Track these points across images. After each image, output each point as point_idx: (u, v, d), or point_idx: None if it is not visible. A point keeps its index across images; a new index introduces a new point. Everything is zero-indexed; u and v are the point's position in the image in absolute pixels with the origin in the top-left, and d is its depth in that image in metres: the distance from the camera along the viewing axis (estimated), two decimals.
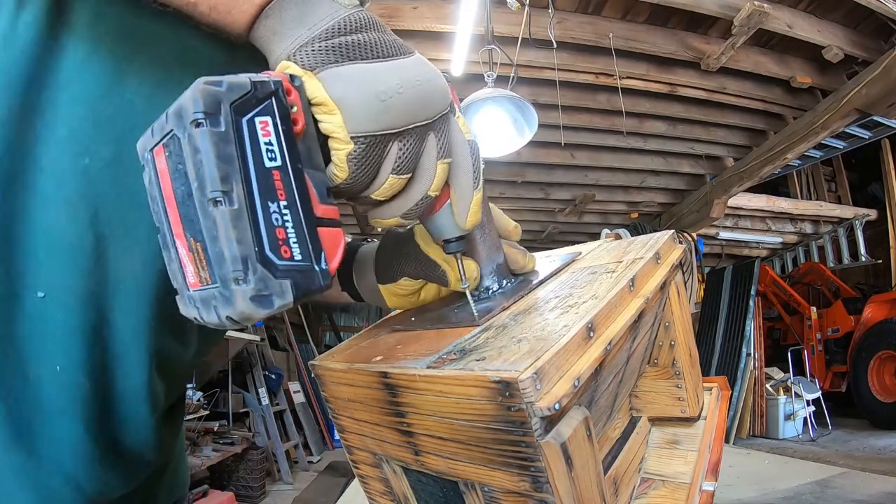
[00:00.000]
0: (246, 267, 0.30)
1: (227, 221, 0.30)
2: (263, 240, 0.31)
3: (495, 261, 0.56)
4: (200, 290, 0.33)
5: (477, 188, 0.43)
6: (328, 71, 0.35)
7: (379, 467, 0.53)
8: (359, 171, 0.37)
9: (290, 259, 0.32)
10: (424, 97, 0.38)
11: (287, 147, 0.33)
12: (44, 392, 0.43)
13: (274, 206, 0.32)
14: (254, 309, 0.31)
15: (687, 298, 0.63)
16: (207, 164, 0.30)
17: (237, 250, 0.30)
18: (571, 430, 0.35)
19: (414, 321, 0.57)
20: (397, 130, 0.37)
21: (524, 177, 5.13)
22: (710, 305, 6.12)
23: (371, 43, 0.37)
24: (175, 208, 0.32)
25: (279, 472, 4.69)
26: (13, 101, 0.40)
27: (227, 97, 0.31)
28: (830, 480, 2.73)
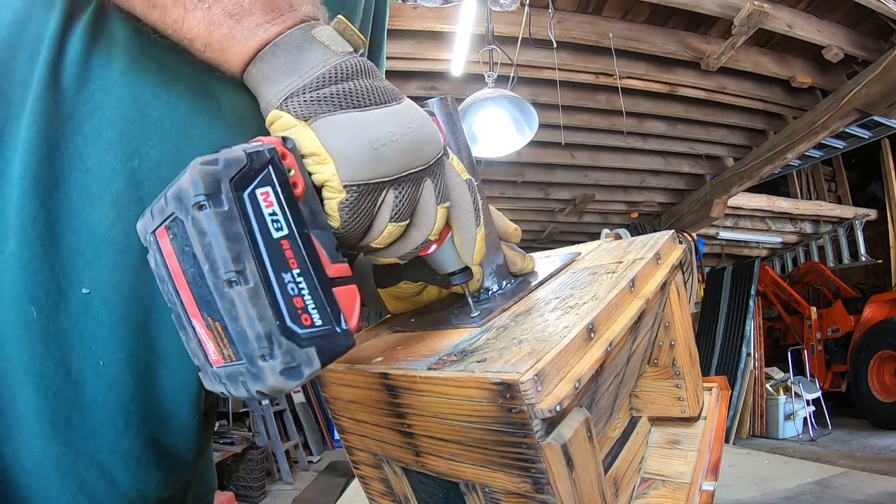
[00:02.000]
0: (271, 343, 0.30)
1: (245, 301, 0.30)
2: (283, 312, 0.31)
3: (495, 262, 0.56)
4: (225, 367, 0.32)
5: (479, 225, 0.43)
6: (321, 120, 0.35)
7: (379, 468, 0.53)
8: (351, 220, 0.36)
9: (311, 326, 0.32)
10: (418, 143, 0.38)
11: (291, 213, 0.33)
12: (85, 387, 0.43)
13: (288, 276, 0.32)
14: (284, 382, 0.30)
15: (687, 298, 0.63)
16: (217, 246, 0.29)
17: (260, 328, 0.30)
18: (572, 431, 0.35)
19: (414, 322, 0.57)
20: (392, 178, 0.37)
21: (524, 176, 5.13)
22: (710, 305, 6.12)
23: (363, 90, 0.36)
24: (187, 289, 0.32)
25: (279, 471, 4.69)
26: (61, 104, 0.42)
27: (225, 174, 0.30)
28: (830, 480, 2.73)
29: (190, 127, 0.45)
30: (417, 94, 3.71)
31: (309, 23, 0.37)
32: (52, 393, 0.42)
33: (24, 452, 0.43)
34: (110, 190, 0.41)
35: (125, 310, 0.44)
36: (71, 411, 0.43)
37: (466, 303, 0.53)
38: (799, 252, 7.44)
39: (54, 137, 0.42)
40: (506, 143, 2.80)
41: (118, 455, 0.46)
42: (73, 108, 0.42)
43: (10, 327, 0.42)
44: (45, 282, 0.42)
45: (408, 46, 3.29)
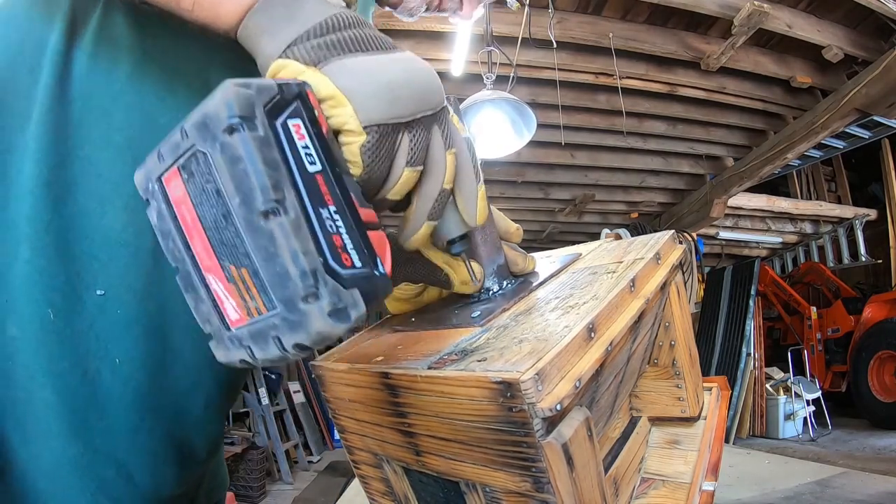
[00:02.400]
0: (316, 280, 0.27)
1: (287, 232, 0.27)
2: (324, 250, 0.28)
3: (496, 262, 0.56)
4: (251, 325, 0.29)
5: (479, 182, 0.43)
6: (333, 64, 0.34)
7: (380, 468, 0.53)
8: (374, 164, 0.35)
9: (352, 267, 0.30)
10: (427, 88, 0.37)
11: (322, 150, 0.31)
12: (102, 386, 0.44)
13: (326, 213, 0.29)
14: (333, 325, 0.27)
15: (687, 298, 0.64)
16: (254, 173, 0.26)
17: (305, 263, 0.27)
18: (573, 430, 0.35)
19: (414, 322, 0.58)
20: (407, 120, 0.36)
21: (524, 177, 5.13)
22: (710, 305, 6.12)
23: (367, 37, 0.36)
24: (203, 237, 0.29)
25: (279, 471, 4.69)
26: (70, 115, 0.43)
27: (258, 99, 0.28)
28: (830, 480, 2.73)
29: None
30: None
31: None
32: (70, 393, 0.43)
33: (43, 454, 0.43)
34: (121, 194, 0.42)
35: (139, 309, 0.44)
36: (88, 410, 0.44)
37: (467, 303, 0.53)
38: (799, 252, 7.44)
39: (65, 147, 0.43)
40: (504, 144, 2.80)
41: (135, 452, 0.46)
42: (82, 117, 0.43)
43: (26, 331, 0.42)
44: (60, 286, 0.43)
45: (407, 46, 3.27)
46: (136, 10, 0.44)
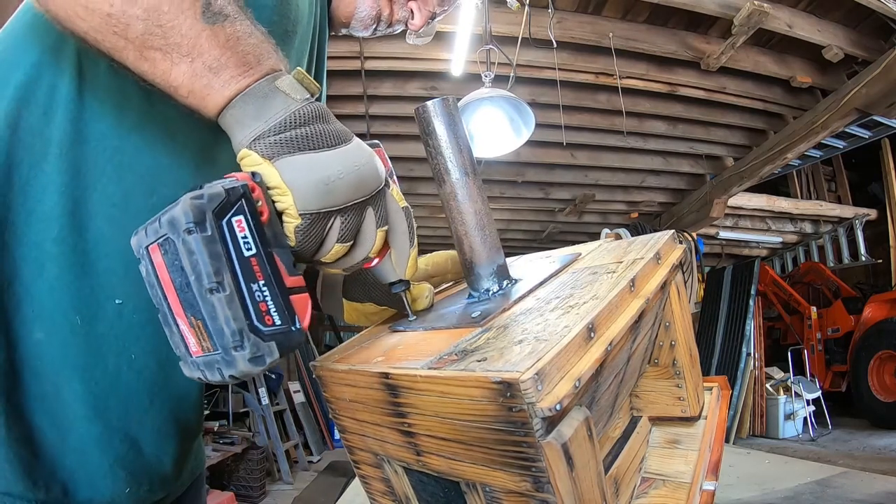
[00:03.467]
0: (242, 337, 0.39)
1: (223, 304, 0.38)
2: (251, 314, 0.39)
3: (496, 262, 0.56)
4: (203, 357, 0.40)
5: (412, 246, 0.51)
6: (282, 160, 0.42)
7: (380, 467, 0.53)
8: (305, 241, 0.44)
9: (272, 325, 0.40)
10: (362, 178, 0.45)
11: (259, 236, 0.41)
12: (120, 376, 0.53)
13: (255, 286, 0.40)
14: (251, 367, 0.39)
15: (687, 298, 0.64)
16: (202, 263, 0.38)
17: (234, 325, 0.38)
18: (572, 430, 0.35)
19: (414, 322, 0.58)
20: (339, 207, 0.44)
21: (524, 176, 5.13)
22: (710, 305, 6.11)
23: (317, 134, 0.43)
24: (174, 293, 0.40)
25: (279, 471, 4.69)
26: (87, 153, 0.51)
27: (209, 207, 0.38)
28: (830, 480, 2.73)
29: (195, 170, 0.56)
30: (418, 93, 3.71)
31: (273, 74, 0.44)
32: (95, 383, 0.52)
33: (70, 435, 0.51)
34: (135, 221, 0.46)
35: (150, 312, 0.49)
36: (109, 397, 0.53)
37: (467, 303, 0.53)
38: (799, 252, 7.44)
39: (85, 181, 0.51)
40: (503, 142, 2.79)
41: (145, 429, 0.56)
42: (97, 154, 0.51)
43: (55, 336, 0.50)
44: (86, 297, 0.51)
45: (408, 46, 3.28)
46: None
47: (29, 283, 0.49)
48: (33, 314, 0.49)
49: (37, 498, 0.49)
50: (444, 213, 0.58)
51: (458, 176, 0.55)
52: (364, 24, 0.76)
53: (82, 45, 0.46)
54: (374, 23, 0.76)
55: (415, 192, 5.39)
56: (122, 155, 0.52)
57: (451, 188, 0.56)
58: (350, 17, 0.75)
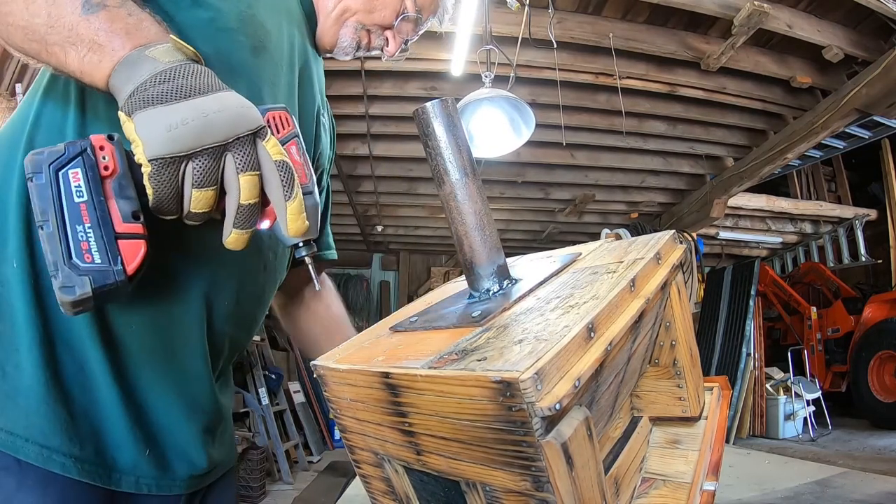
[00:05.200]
0: (56, 269, 0.45)
1: (45, 239, 0.45)
2: (71, 250, 0.45)
3: (496, 262, 0.56)
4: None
5: (290, 199, 0.51)
6: (137, 115, 0.47)
7: (381, 467, 0.53)
8: (159, 187, 0.47)
9: (91, 262, 0.46)
10: (210, 124, 0.47)
11: (92, 186, 0.47)
12: (127, 344, 0.61)
13: (80, 228, 0.46)
14: (62, 295, 0.45)
15: (687, 298, 0.64)
16: (35, 203, 0.46)
17: (51, 257, 0.45)
18: (572, 430, 0.35)
19: (415, 322, 0.58)
20: (186, 153, 0.46)
21: (524, 177, 5.13)
22: (710, 305, 6.11)
23: (172, 88, 0.47)
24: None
25: (279, 472, 4.69)
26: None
27: (46, 160, 0.46)
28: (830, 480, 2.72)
29: None
30: (418, 94, 3.71)
31: (146, 45, 0.49)
32: (110, 350, 0.60)
33: (95, 398, 0.59)
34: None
35: (148, 287, 0.59)
36: (122, 363, 0.62)
37: (467, 303, 0.53)
38: (799, 252, 7.44)
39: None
40: (503, 143, 2.79)
41: (156, 395, 0.64)
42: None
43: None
44: None
45: None
46: None
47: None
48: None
49: (72, 453, 0.56)
50: (444, 213, 0.58)
51: (457, 176, 0.55)
52: (345, 51, 0.87)
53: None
54: (354, 50, 0.87)
55: (414, 192, 5.39)
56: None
57: (451, 188, 0.56)
58: (333, 45, 0.86)
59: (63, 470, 0.56)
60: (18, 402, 0.55)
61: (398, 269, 8.11)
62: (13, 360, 0.56)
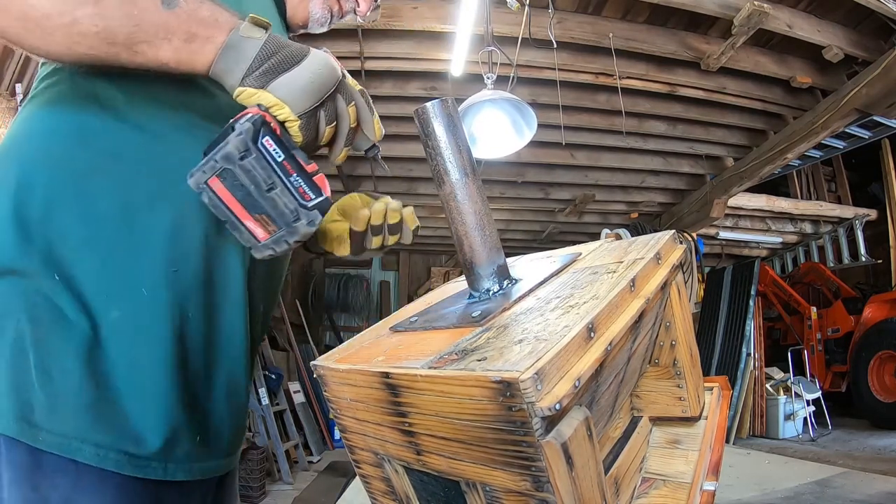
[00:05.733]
0: (297, 213, 0.56)
1: (280, 196, 0.56)
2: (296, 196, 0.57)
3: (496, 262, 0.56)
4: (270, 238, 0.57)
5: (373, 114, 0.65)
6: (270, 85, 0.56)
7: (381, 467, 0.53)
8: (307, 134, 0.59)
9: (311, 199, 0.57)
10: (326, 77, 0.58)
11: (280, 146, 0.56)
12: (183, 336, 0.63)
13: (293, 178, 0.57)
14: (309, 229, 0.57)
15: (687, 298, 0.64)
16: (258, 175, 0.55)
17: (291, 206, 0.56)
18: (572, 429, 0.35)
19: (415, 322, 0.58)
20: (320, 101, 0.58)
21: (524, 177, 5.13)
22: (710, 305, 6.11)
23: (284, 58, 0.57)
24: (238, 204, 0.56)
25: (279, 472, 4.68)
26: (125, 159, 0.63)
27: (247, 138, 0.54)
28: (830, 480, 2.73)
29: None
30: (417, 94, 3.71)
31: (236, 27, 0.56)
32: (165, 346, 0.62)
33: (150, 397, 0.60)
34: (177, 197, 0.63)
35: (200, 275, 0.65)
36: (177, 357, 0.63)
37: (467, 303, 0.53)
38: (799, 252, 7.44)
39: (127, 180, 0.63)
40: (505, 144, 2.79)
41: (207, 384, 0.67)
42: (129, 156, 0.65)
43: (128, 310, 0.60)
44: (147, 272, 0.62)
45: (408, 46, 3.29)
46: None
47: (97, 273, 0.60)
48: (105, 297, 0.59)
49: (126, 450, 0.58)
50: (444, 213, 0.58)
51: (457, 176, 0.56)
52: (319, 22, 0.90)
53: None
54: (328, 20, 0.90)
55: (414, 192, 5.39)
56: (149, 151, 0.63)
57: (451, 189, 0.56)
58: (306, 20, 0.90)
59: (117, 467, 0.57)
60: (69, 404, 0.56)
61: (398, 269, 8.11)
62: (59, 365, 0.56)
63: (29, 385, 0.55)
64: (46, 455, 0.54)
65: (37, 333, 0.56)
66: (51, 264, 0.58)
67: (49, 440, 0.54)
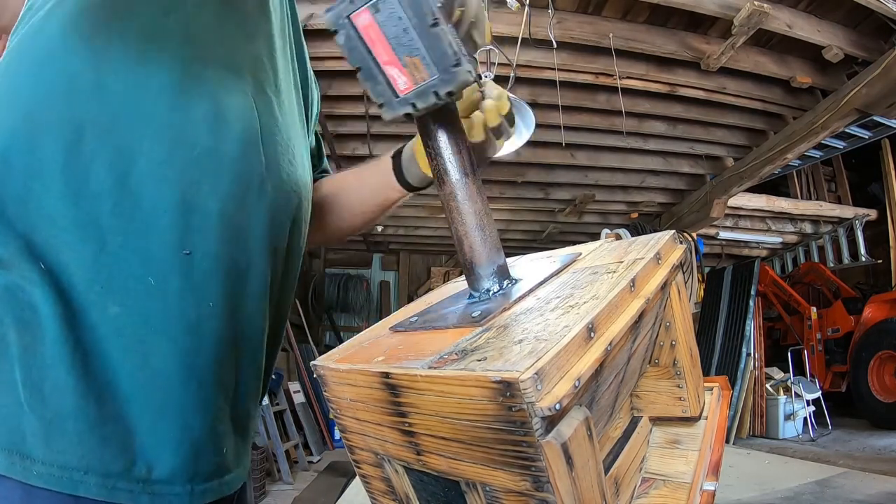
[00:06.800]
0: (460, 56, 0.46)
1: (445, 33, 0.46)
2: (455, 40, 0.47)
3: (496, 262, 0.56)
4: (416, 89, 0.48)
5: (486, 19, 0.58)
6: None
7: (381, 467, 0.53)
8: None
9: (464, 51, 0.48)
10: None
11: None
12: (203, 329, 0.54)
13: (448, 28, 0.48)
14: (469, 77, 0.47)
15: (687, 298, 0.64)
16: (424, 6, 0.45)
17: (455, 47, 0.46)
18: (572, 430, 0.35)
19: (415, 322, 0.58)
20: None
21: (524, 177, 5.13)
22: (710, 305, 6.11)
23: None
24: (386, 44, 0.47)
25: (279, 472, 4.69)
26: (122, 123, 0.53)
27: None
28: (830, 480, 2.73)
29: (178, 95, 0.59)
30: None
31: None
32: (182, 341, 0.53)
33: (166, 402, 0.52)
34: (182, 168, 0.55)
35: (219, 257, 0.55)
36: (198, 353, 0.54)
37: (467, 302, 0.53)
38: (799, 252, 7.44)
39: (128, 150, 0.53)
40: (504, 144, 2.79)
41: (238, 377, 0.59)
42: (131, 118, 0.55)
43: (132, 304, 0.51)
44: (155, 255, 0.52)
45: None
46: None
47: (96, 255, 0.49)
48: (102, 289, 0.48)
49: (140, 477, 0.48)
50: (444, 213, 0.58)
51: (457, 177, 0.55)
52: None
53: None
54: None
55: None
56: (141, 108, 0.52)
57: (451, 189, 0.56)
58: None
59: (131, 499, 0.48)
60: (67, 428, 0.46)
61: (398, 269, 8.11)
62: (50, 379, 0.46)
63: (17, 407, 0.45)
64: (42, 492, 0.45)
65: (24, 340, 0.46)
66: (34, 251, 0.47)
67: (45, 474, 0.45)
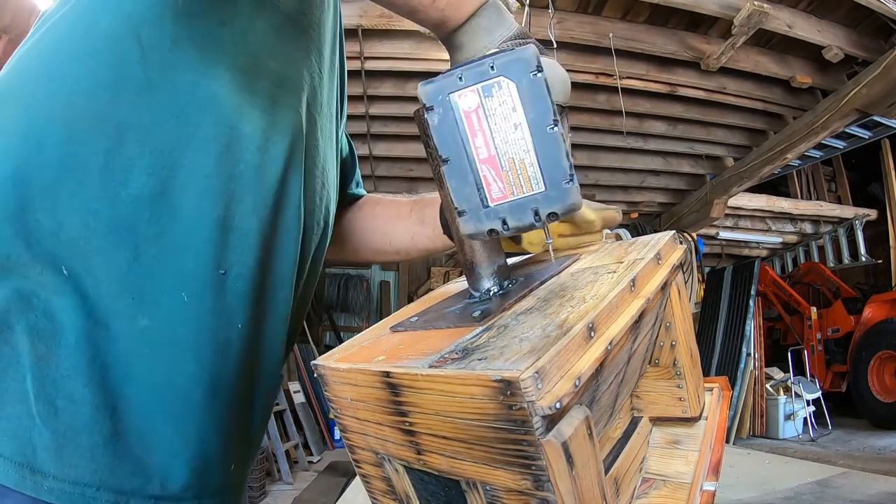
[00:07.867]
0: (572, 172, 0.40)
1: (562, 138, 0.40)
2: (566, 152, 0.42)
3: (496, 262, 0.56)
4: (511, 201, 0.42)
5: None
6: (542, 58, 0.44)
7: (381, 466, 0.53)
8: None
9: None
10: (567, 86, 0.49)
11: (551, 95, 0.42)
12: (231, 350, 0.53)
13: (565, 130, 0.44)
14: (578, 200, 0.41)
15: (688, 299, 0.64)
16: (546, 101, 0.40)
17: (570, 160, 0.41)
18: (572, 429, 0.35)
19: (415, 321, 0.58)
20: (564, 105, 0.48)
21: None
22: (710, 305, 6.11)
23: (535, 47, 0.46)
24: (488, 138, 0.41)
25: (279, 472, 4.69)
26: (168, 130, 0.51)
27: (537, 53, 0.41)
28: (830, 480, 2.73)
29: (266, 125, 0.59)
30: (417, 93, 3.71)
31: None
32: (210, 362, 0.51)
33: (185, 422, 0.51)
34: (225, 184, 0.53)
35: (251, 278, 0.54)
36: (222, 375, 0.53)
37: (467, 302, 0.53)
38: (799, 252, 7.44)
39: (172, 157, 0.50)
40: None
41: (257, 400, 0.59)
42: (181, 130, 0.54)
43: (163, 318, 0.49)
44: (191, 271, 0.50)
45: (408, 46, 3.29)
46: None
47: (126, 269, 0.47)
48: (133, 301, 0.47)
49: (154, 494, 0.47)
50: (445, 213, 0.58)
51: None
52: None
53: None
54: None
55: (415, 192, 5.38)
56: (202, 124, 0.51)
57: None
58: None
59: None
60: (80, 442, 0.44)
61: (398, 269, 8.11)
62: (65, 391, 0.44)
63: (28, 419, 0.43)
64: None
65: (37, 350, 0.44)
66: (56, 253, 0.45)
67: (56, 489, 0.43)
